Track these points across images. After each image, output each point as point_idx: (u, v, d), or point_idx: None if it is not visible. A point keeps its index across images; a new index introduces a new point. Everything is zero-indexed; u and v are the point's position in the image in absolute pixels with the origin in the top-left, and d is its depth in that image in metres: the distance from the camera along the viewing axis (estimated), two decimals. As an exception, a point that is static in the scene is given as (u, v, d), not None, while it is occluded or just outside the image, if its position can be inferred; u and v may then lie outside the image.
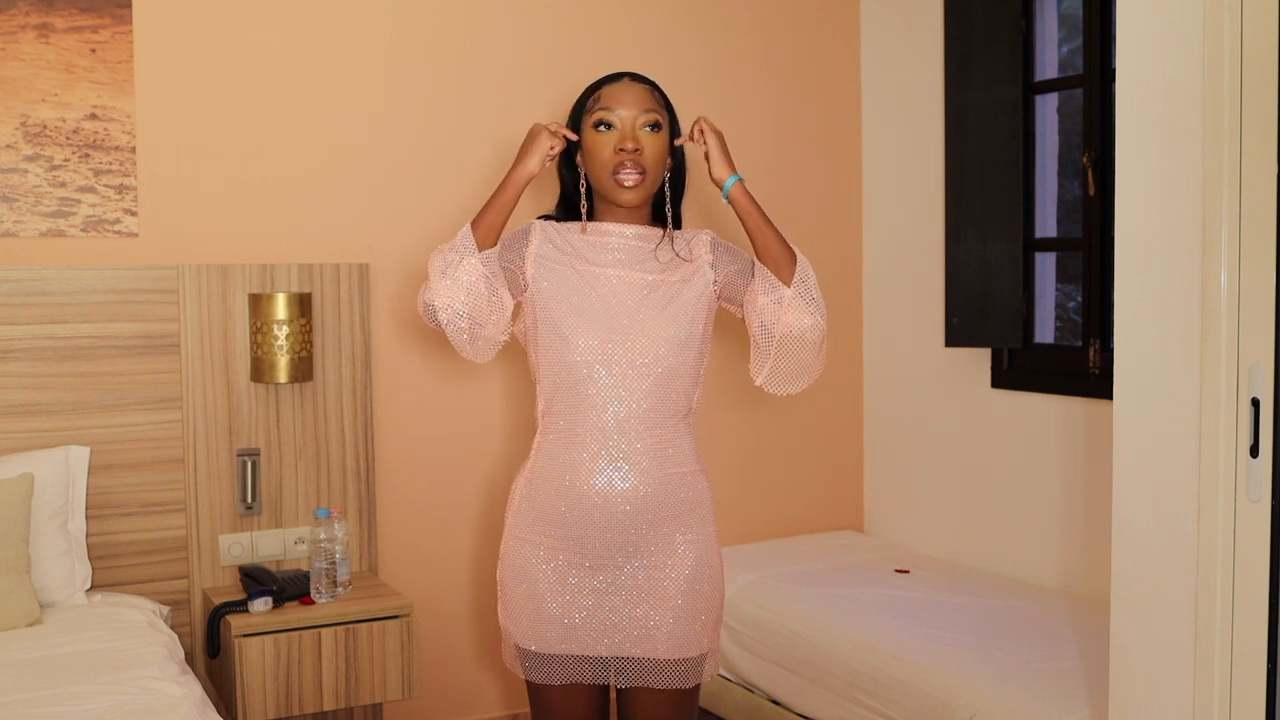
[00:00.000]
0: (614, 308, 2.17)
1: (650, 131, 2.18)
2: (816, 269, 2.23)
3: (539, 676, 2.21)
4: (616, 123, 2.18)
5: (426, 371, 3.64)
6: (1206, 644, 2.05)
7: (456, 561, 3.70)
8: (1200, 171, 2.04)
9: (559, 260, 2.22)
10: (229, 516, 3.34)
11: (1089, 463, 3.50)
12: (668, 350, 2.16)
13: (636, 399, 2.15)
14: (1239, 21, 2.01)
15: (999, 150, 3.69)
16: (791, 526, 4.23)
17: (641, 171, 2.16)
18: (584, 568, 2.18)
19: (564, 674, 2.20)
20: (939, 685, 2.86)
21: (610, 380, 2.15)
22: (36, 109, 3.18)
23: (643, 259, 2.21)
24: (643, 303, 2.17)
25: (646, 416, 2.15)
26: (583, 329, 2.16)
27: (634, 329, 2.15)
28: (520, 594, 2.22)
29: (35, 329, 3.12)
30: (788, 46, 4.15)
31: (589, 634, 2.18)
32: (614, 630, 2.18)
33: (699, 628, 2.20)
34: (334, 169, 3.52)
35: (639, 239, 2.23)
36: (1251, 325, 2.03)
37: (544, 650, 2.19)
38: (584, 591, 2.18)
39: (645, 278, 2.19)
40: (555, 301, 2.19)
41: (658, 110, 2.20)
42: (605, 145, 2.18)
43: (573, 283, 2.19)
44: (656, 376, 2.16)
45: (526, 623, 2.21)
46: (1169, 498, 2.11)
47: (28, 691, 2.41)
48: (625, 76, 2.25)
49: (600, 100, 2.21)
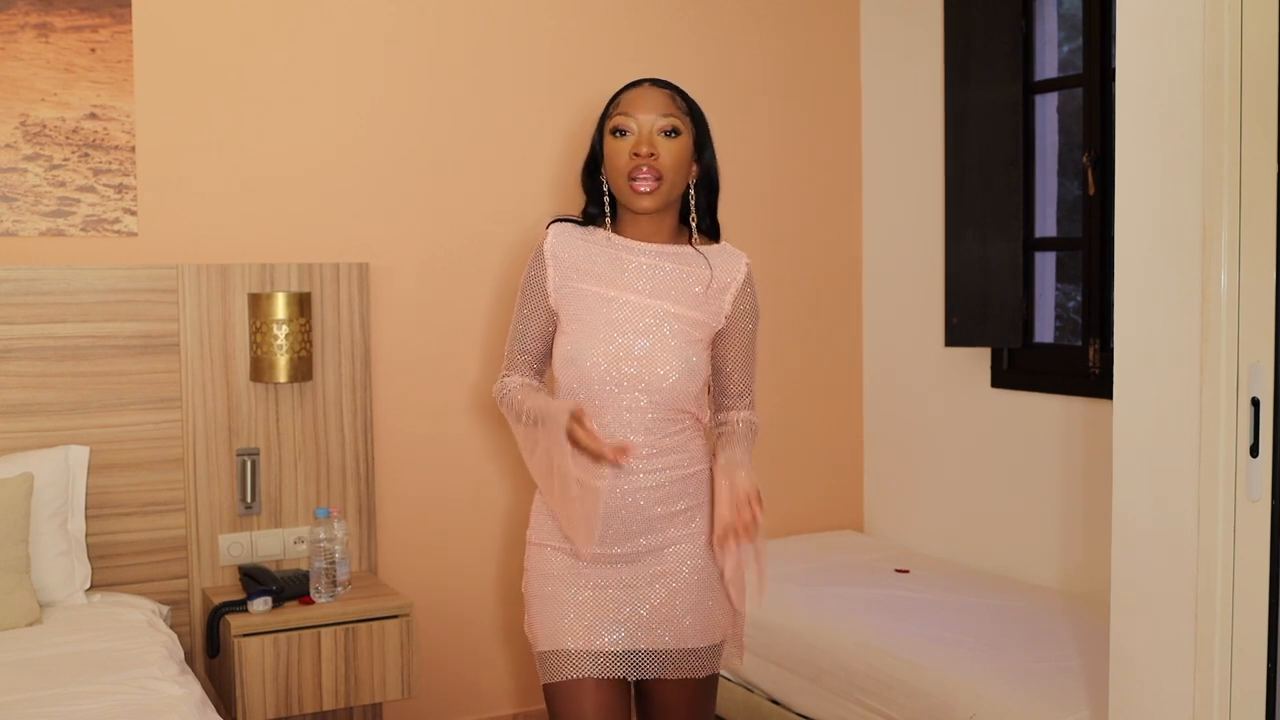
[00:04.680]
0: (630, 335, 2.16)
1: (667, 137, 2.15)
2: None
3: (552, 675, 2.18)
4: (633, 128, 2.15)
5: (426, 371, 3.63)
6: (1206, 644, 2.05)
7: (456, 561, 3.70)
8: (1200, 171, 2.04)
9: (578, 282, 2.20)
10: (228, 516, 3.34)
11: (1089, 463, 3.50)
12: (678, 375, 2.16)
13: (647, 411, 2.16)
14: (1239, 21, 2.01)
15: (999, 150, 3.69)
16: (791, 526, 4.23)
17: (658, 178, 2.13)
18: (601, 566, 2.19)
19: (586, 670, 2.16)
20: (939, 685, 2.86)
21: (622, 396, 2.15)
22: (36, 108, 3.18)
23: (669, 288, 2.19)
24: (660, 334, 2.16)
25: (655, 426, 2.16)
26: (599, 353, 2.15)
27: (647, 357, 2.15)
28: (544, 598, 2.22)
29: (35, 329, 3.12)
30: (788, 47, 4.15)
31: (602, 628, 2.17)
32: (632, 624, 2.17)
33: (716, 616, 2.22)
34: (334, 169, 3.52)
35: (667, 259, 2.20)
36: (1251, 325, 2.03)
37: (565, 648, 2.17)
38: (602, 588, 2.18)
39: (668, 309, 2.17)
40: (575, 327, 2.19)
41: (677, 115, 2.17)
42: (621, 151, 2.15)
43: (592, 309, 2.18)
44: (665, 392, 2.16)
45: (550, 625, 2.20)
46: (1169, 498, 2.11)
47: (28, 691, 2.41)
48: (645, 82, 2.22)
49: (619, 106, 2.19)
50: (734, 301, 2.22)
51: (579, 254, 2.22)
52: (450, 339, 3.67)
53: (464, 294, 3.68)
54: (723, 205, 2.31)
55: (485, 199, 3.70)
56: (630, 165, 2.13)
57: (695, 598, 2.19)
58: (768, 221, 4.11)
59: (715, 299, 2.21)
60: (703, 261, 2.21)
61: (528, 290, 2.25)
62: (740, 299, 2.23)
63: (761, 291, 4.43)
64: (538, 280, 2.24)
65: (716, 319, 2.22)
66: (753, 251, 4.06)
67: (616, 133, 2.16)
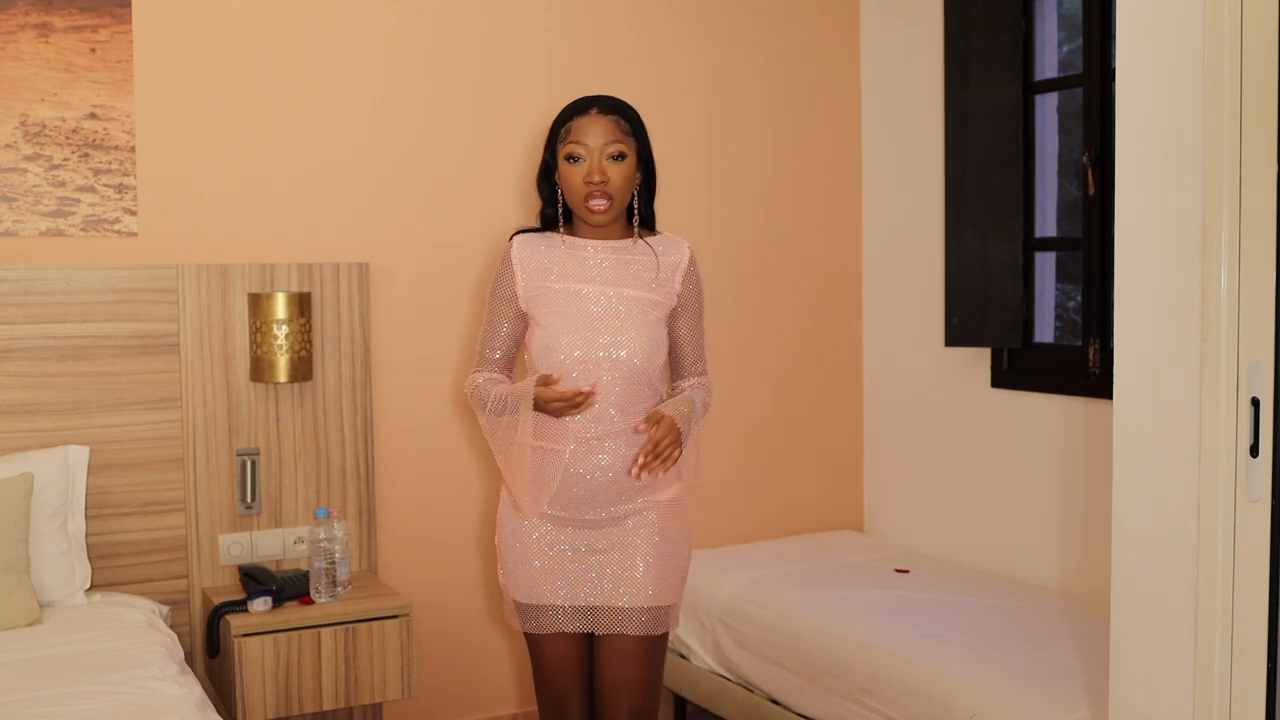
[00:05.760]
0: (596, 320, 2.46)
1: (615, 161, 2.44)
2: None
3: (531, 627, 2.54)
4: (584, 154, 2.44)
5: (426, 371, 3.63)
6: (1206, 644, 2.05)
7: (456, 561, 3.70)
8: (1200, 171, 2.04)
9: (543, 279, 2.50)
10: (228, 516, 3.34)
11: (1089, 463, 3.50)
12: (641, 356, 2.46)
13: (613, 389, 2.44)
14: (1239, 21, 2.01)
15: (999, 150, 3.69)
16: (791, 526, 4.23)
17: (609, 198, 2.44)
18: (567, 530, 2.50)
19: (553, 623, 2.51)
20: (939, 685, 2.86)
21: (595, 375, 2.43)
22: (36, 108, 3.18)
23: (625, 276, 2.49)
24: (623, 316, 2.47)
25: (619, 404, 2.45)
26: (568, 338, 2.45)
27: (613, 341, 2.45)
28: (514, 555, 2.54)
29: (35, 329, 3.12)
30: (788, 47, 4.15)
31: (572, 587, 2.49)
32: (594, 583, 2.49)
33: (669, 581, 2.52)
34: (334, 169, 3.52)
35: (619, 252, 2.51)
36: (1251, 325, 2.03)
37: (534, 602, 2.51)
38: (567, 550, 2.50)
39: (627, 293, 2.48)
40: (547, 319, 2.48)
41: (622, 139, 2.45)
42: (575, 175, 2.45)
43: (560, 300, 2.48)
44: (628, 372, 2.45)
45: (520, 579, 2.53)
46: (1169, 498, 2.11)
47: (28, 691, 2.41)
48: (594, 108, 2.47)
49: (570, 133, 2.46)
50: (682, 281, 2.54)
51: (542, 257, 2.52)
52: (450, 339, 3.67)
53: (464, 294, 3.68)
54: (722, 206, 2.34)
55: (485, 199, 3.70)
56: (585, 190, 2.44)
57: (651, 562, 2.49)
58: (768, 221, 4.11)
59: (666, 282, 2.52)
60: (649, 250, 2.53)
61: (497, 295, 2.55)
62: (687, 279, 2.55)
63: (762, 291, 4.47)
64: (506, 285, 2.53)
65: (670, 298, 2.53)
66: (753, 251, 4.12)
67: (570, 159, 2.45)
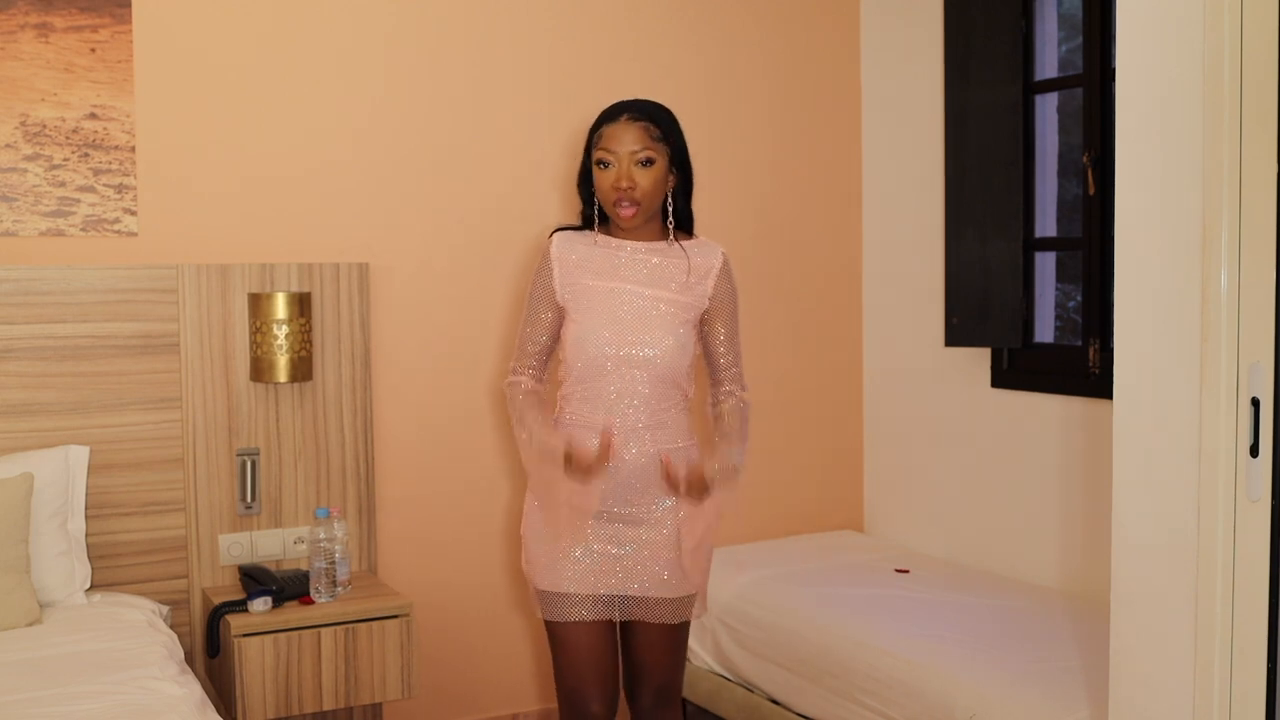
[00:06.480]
0: (626, 318, 2.52)
1: (643, 167, 2.49)
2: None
3: (553, 614, 2.57)
4: (613, 161, 2.50)
5: (426, 371, 3.63)
6: (1206, 644, 2.05)
7: (456, 560, 3.70)
8: (1200, 171, 2.04)
9: (582, 278, 2.56)
10: (228, 516, 3.34)
11: (1089, 463, 3.50)
12: (667, 357, 2.52)
13: (640, 387, 2.52)
14: (1239, 21, 2.01)
15: (999, 150, 3.69)
16: (791, 526, 4.23)
17: (636, 203, 2.49)
18: (598, 523, 2.54)
19: (576, 612, 2.55)
20: (939, 685, 2.86)
21: (624, 371, 2.51)
22: (36, 108, 3.18)
23: (656, 277, 2.55)
24: (652, 316, 2.53)
25: (647, 402, 2.52)
26: (599, 334, 2.52)
27: (641, 340, 2.51)
28: (544, 543, 2.57)
29: (35, 329, 3.12)
30: (788, 47, 4.15)
31: (596, 576, 2.54)
32: (618, 573, 2.54)
33: (692, 572, 2.58)
34: (334, 169, 3.52)
35: (652, 253, 2.57)
36: (1251, 325, 2.03)
37: (558, 590, 2.55)
38: (592, 540, 2.54)
39: (662, 294, 2.54)
40: (584, 315, 2.55)
41: (650, 146, 2.50)
42: (605, 181, 2.52)
43: (594, 297, 2.55)
44: (654, 371, 2.52)
45: (544, 568, 2.57)
46: (1169, 498, 2.11)
47: (28, 691, 2.41)
48: (624, 115, 2.52)
49: (601, 139, 2.53)
50: (714, 286, 2.59)
51: (580, 255, 2.57)
52: (450, 339, 3.67)
53: (464, 294, 3.68)
54: (722, 206, 2.37)
55: (485, 199, 3.70)
56: (614, 195, 2.50)
57: (672, 555, 2.55)
58: (768, 221, 4.11)
59: (697, 285, 2.57)
60: (682, 254, 2.58)
61: (537, 290, 2.60)
62: (719, 284, 2.60)
63: (762, 291, 4.47)
64: (545, 280, 2.59)
65: (701, 301, 2.58)
66: (753, 251, 4.11)
67: (600, 164, 2.52)
